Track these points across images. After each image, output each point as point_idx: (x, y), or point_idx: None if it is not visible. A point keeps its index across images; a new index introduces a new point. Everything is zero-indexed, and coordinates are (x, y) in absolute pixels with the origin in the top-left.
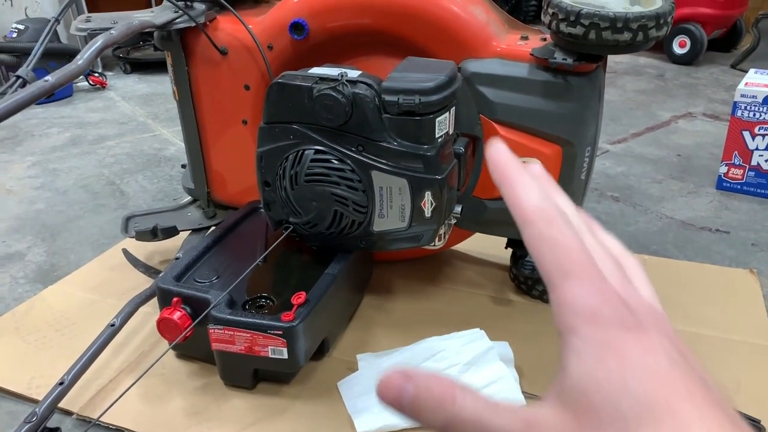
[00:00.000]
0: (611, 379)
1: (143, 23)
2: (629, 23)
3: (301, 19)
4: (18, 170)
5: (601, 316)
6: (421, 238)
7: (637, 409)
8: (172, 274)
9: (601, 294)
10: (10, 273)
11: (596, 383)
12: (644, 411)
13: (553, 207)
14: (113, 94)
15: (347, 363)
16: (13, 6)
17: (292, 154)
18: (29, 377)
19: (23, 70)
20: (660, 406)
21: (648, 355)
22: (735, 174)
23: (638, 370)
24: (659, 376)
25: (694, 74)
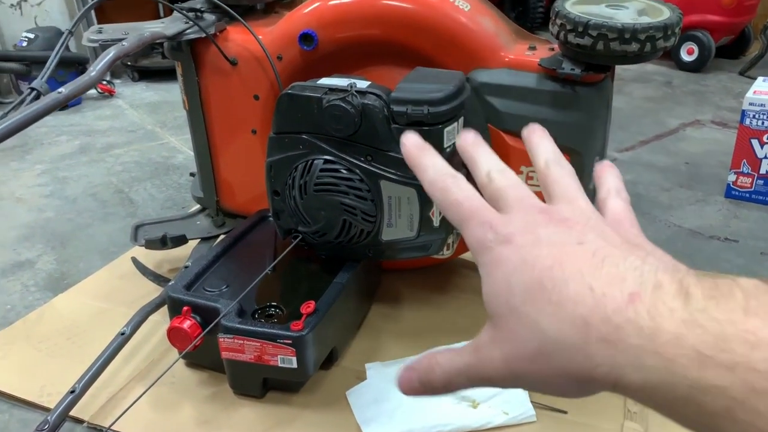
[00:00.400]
0: (499, 286)
1: (154, 34)
2: (637, 34)
3: (310, 30)
4: (28, 178)
5: (486, 242)
6: (429, 248)
7: (522, 299)
8: (182, 283)
9: (485, 228)
10: (21, 281)
11: (493, 295)
12: (527, 297)
13: (443, 176)
14: (121, 102)
15: (356, 372)
16: (23, 15)
17: (301, 163)
18: (41, 385)
19: (37, 82)
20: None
21: (518, 254)
22: (744, 182)
23: (513, 270)
24: (529, 264)
25: (702, 81)
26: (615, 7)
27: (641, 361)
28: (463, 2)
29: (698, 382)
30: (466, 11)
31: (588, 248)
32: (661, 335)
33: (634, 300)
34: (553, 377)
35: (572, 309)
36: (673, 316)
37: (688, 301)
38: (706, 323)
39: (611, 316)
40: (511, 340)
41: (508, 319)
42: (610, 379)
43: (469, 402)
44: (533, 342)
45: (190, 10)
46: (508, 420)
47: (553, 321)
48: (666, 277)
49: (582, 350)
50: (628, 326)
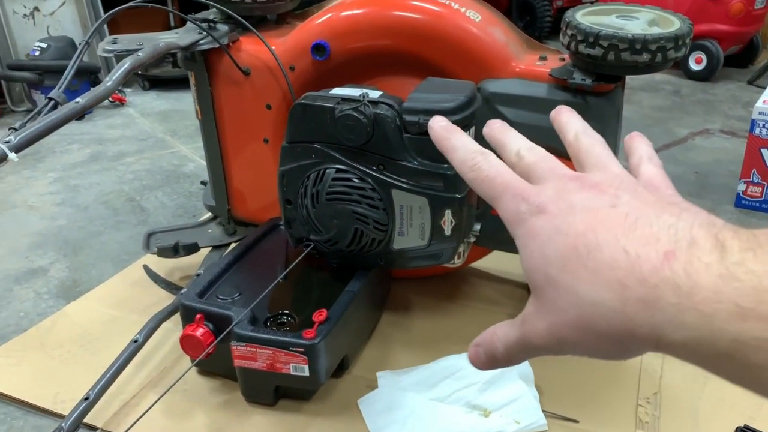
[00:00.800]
0: (536, 257)
1: (169, 45)
2: (648, 45)
3: (322, 40)
4: (40, 186)
5: (520, 214)
6: (440, 256)
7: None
8: (194, 291)
9: (518, 200)
10: (34, 288)
11: (531, 267)
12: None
13: (472, 153)
14: (132, 110)
15: (367, 380)
16: (36, 25)
17: (313, 172)
18: (54, 392)
19: (55, 92)
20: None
21: (551, 224)
22: (754, 192)
23: (547, 240)
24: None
25: (711, 90)
26: (626, 17)
27: (681, 318)
28: (474, 13)
29: (740, 335)
30: (477, 22)
31: (621, 210)
32: (698, 292)
33: (669, 258)
34: (596, 341)
35: (608, 273)
36: (709, 271)
37: (724, 255)
38: (744, 276)
39: (647, 277)
40: (552, 309)
41: (547, 289)
42: (651, 339)
43: (481, 411)
44: (573, 309)
45: (203, 20)
46: (520, 429)
47: (590, 287)
48: (701, 233)
49: (621, 313)
50: (664, 285)
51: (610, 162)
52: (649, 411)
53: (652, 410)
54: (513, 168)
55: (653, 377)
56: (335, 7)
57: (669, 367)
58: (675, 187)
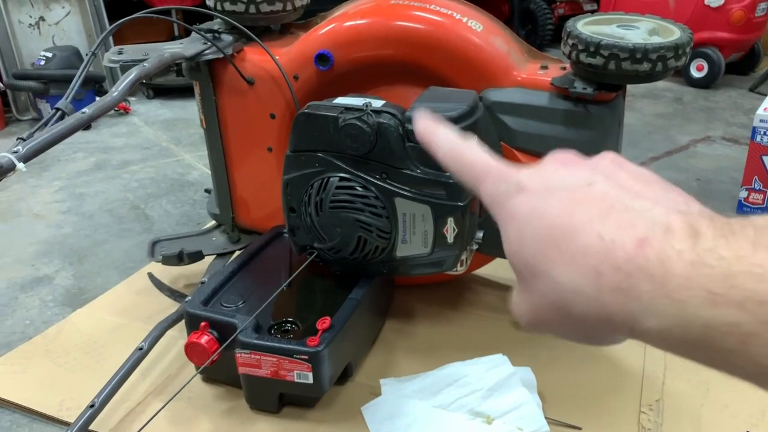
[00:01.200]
0: (513, 240)
1: (174, 55)
2: (648, 54)
3: (326, 50)
4: (45, 195)
5: (499, 194)
6: (443, 264)
7: (535, 251)
8: (199, 299)
9: (498, 181)
10: (40, 296)
11: (510, 251)
12: (540, 249)
13: (455, 144)
14: (136, 119)
15: (370, 387)
16: (41, 34)
17: (317, 181)
18: (60, 400)
19: (62, 102)
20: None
21: (528, 204)
22: (755, 199)
23: (524, 222)
24: (538, 214)
25: (712, 98)
26: (626, 27)
27: (654, 306)
28: (475, 23)
29: (711, 321)
30: (479, 31)
31: (597, 190)
32: (671, 279)
33: (643, 246)
34: (575, 326)
35: (583, 259)
36: (681, 258)
37: (697, 242)
38: (714, 262)
39: (621, 265)
40: (533, 292)
41: (525, 272)
42: (626, 326)
43: (483, 418)
44: (551, 294)
45: (208, 31)
46: None
47: (566, 272)
48: (677, 219)
49: (596, 300)
50: (638, 274)
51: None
52: (652, 418)
53: (655, 417)
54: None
55: (655, 384)
56: (338, 17)
57: (671, 374)
58: None
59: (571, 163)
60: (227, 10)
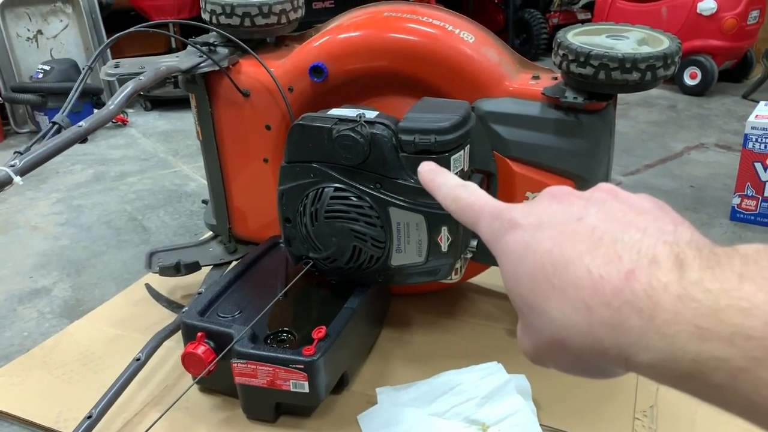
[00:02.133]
0: (510, 277)
1: (170, 68)
2: (638, 63)
3: (320, 62)
4: (43, 207)
5: (495, 231)
6: (438, 272)
7: (529, 288)
8: (196, 309)
9: (493, 219)
10: (37, 308)
11: (507, 287)
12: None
13: (454, 187)
14: (134, 131)
15: (367, 396)
16: (39, 48)
17: (312, 191)
18: (57, 411)
19: (59, 116)
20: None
21: (521, 239)
22: (748, 205)
23: (518, 259)
24: (531, 250)
25: (706, 105)
26: (616, 37)
27: (645, 340)
28: (467, 34)
29: (700, 356)
30: (471, 43)
31: (587, 223)
32: (659, 313)
33: (630, 279)
34: (574, 361)
35: (574, 293)
36: (668, 291)
37: (683, 274)
38: (701, 295)
39: (610, 300)
40: (531, 328)
41: (523, 308)
42: (621, 360)
43: (479, 425)
44: (547, 329)
45: (203, 44)
46: None
47: (559, 307)
48: (663, 251)
49: (589, 334)
50: (627, 308)
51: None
52: (646, 424)
53: (649, 423)
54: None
55: (650, 390)
56: (333, 29)
57: None
58: (671, 204)
59: (563, 198)
60: (222, 24)
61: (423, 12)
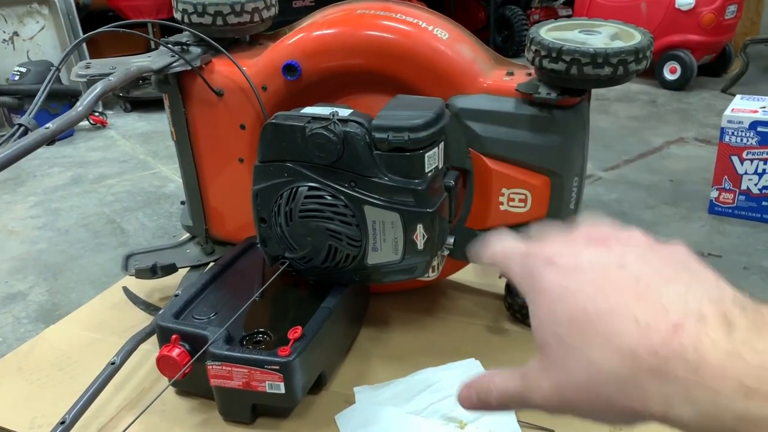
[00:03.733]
0: (545, 315)
1: (141, 68)
2: (609, 58)
3: (293, 60)
4: (20, 211)
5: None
6: (414, 270)
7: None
8: (171, 312)
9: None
10: (13, 313)
11: (539, 325)
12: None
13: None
14: (114, 132)
15: (345, 396)
16: (15, 49)
17: (286, 191)
18: (31, 417)
19: (25, 118)
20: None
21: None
22: (726, 198)
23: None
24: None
25: (686, 99)
26: (588, 32)
27: (690, 393)
28: (441, 31)
29: (744, 413)
30: (445, 39)
31: (630, 273)
32: (706, 368)
33: (678, 332)
34: (604, 407)
35: (619, 341)
36: (716, 347)
37: (731, 333)
38: (748, 354)
39: (658, 349)
40: (560, 369)
41: (556, 349)
42: (660, 411)
43: (456, 423)
44: (582, 372)
45: (176, 43)
46: None
47: (601, 352)
48: (710, 308)
49: (632, 382)
50: (674, 358)
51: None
52: None
53: None
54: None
55: None
56: (306, 27)
57: None
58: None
59: (600, 241)
60: (195, 23)
61: (397, 9)
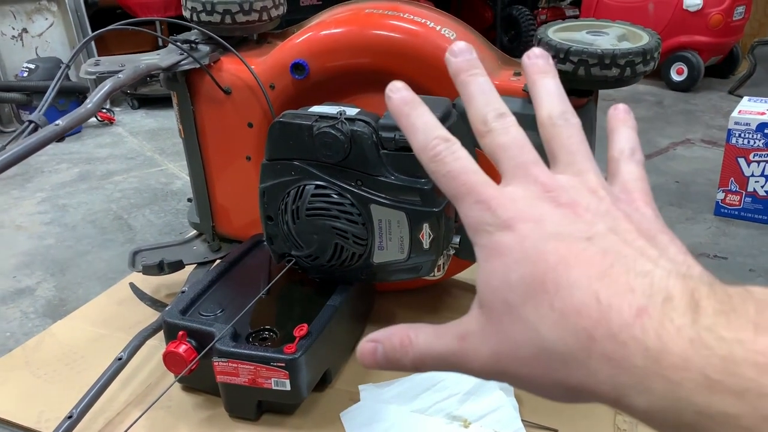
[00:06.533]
0: (496, 277)
1: (150, 66)
2: (617, 59)
3: (301, 59)
4: (28, 206)
5: (483, 224)
6: (420, 269)
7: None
8: (177, 308)
9: (482, 208)
10: (21, 308)
11: (488, 285)
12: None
13: (434, 140)
14: (121, 129)
15: (350, 394)
16: (24, 46)
17: (293, 189)
18: (39, 411)
19: (35, 114)
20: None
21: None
22: (732, 200)
23: (513, 263)
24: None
25: (692, 101)
26: (596, 33)
27: (646, 383)
28: (448, 30)
29: (706, 408)
30: (452, 39)
31: (597, 245)
32: (667, 357)
33: (641, 315)
34: (547, 383)
35: (575, 320)
36: (680, 334)
37: (697, 318)
38: (714, 343)
39: (617, 333)
40: (505, 338)
41: (503, 316)
42: (611, 397)
43: (461, 422)
44: (530, 347)
45: (184, 41)
46: None
47: (555, 329)
48: (677, 287)
49: (584, 364)
50: (633, 345)
51: (587, 167)
52: (627, 419)
53: (630, 418)
54: (478, 136)
55: None
56: (314, 26)
57: None
58: (656, 199)
59: (568, 206)
60: (203, 21)
61: (404, 9)
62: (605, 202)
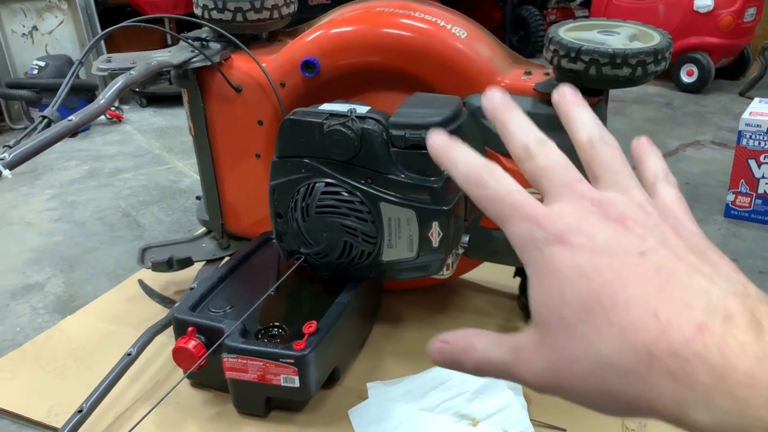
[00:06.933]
0: (551, 294)
1: (161, 63)
2: (628, 59)
3: (312, 57)
4: (37, 203)
5: (534, 241)
6: (429, 268)
7: (577, 314)
8: (187, 305)
9: (531, 224)
10: (30, 303)
11: (543, 302)
12: (583, 313)
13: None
14: (129, 127)
15: (358, 391)
16: (34, 43)
17: (303, 186)
18: (49, 405)
19: (48, 110)
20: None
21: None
22: (742, 202)
23: (567, 279)
24: (586, 275)
25: (702, 102)
26: (607, 32)
27: (711, 400)
28: (459, 29)
29: None
30: (463, 38)
31: (651, 261)
32: (732, 374)
33: (702, 332)
34: (604, 397)
35: (634, 335)
36: (744, 352)
37: (761, 335)
38: None
39: (678, 349)
40: (562, 353)
41: (559, 331)
42: (672, 412)
43: (469, 420)
44: (587, 362)
45: (195, 39)
46: None
47: (613, 345)
48: (736, 306)
49: (643, 379)
50: (696, 362)
51: (630, 183)
52: (636, 420)
53: (639, 419)
54: (519, 163)
55: None
56: (325, 24)
57: None
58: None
59: (619, 221)
60: (215, 19)
61: (415, 7)
62: (653, 216)
